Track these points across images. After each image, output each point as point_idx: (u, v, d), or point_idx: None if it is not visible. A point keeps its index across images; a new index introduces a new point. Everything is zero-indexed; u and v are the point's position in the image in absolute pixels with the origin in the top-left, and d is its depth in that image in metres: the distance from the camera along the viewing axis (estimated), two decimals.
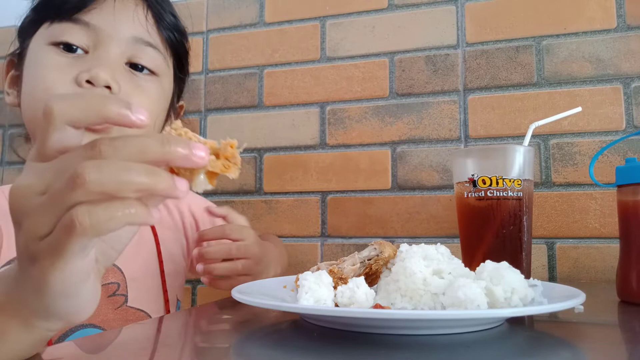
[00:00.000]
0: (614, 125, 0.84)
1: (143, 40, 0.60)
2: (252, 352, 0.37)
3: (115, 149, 0.25)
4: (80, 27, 0.57)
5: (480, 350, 0.36)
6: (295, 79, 1.01)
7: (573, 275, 0.82)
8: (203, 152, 0.26)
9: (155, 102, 0.62)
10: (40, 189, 0.26)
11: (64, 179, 0.24)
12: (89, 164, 0.24)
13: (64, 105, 0.26)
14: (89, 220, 0.24)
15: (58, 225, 0.25)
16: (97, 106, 0.26)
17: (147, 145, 0.25)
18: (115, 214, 0.24)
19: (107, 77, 0.55)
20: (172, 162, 0.26)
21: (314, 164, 0.98)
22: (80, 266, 0.26)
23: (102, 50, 0.58)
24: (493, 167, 0.59)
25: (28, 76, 0.59)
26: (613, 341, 0.41)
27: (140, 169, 0.25)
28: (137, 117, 0.26)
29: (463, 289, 0.39)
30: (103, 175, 0.24)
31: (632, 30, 0.85)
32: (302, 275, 0.44)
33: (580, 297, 0.40)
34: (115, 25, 0.58)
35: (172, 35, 0.64)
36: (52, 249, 0.25)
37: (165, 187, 0.25)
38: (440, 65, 0.93)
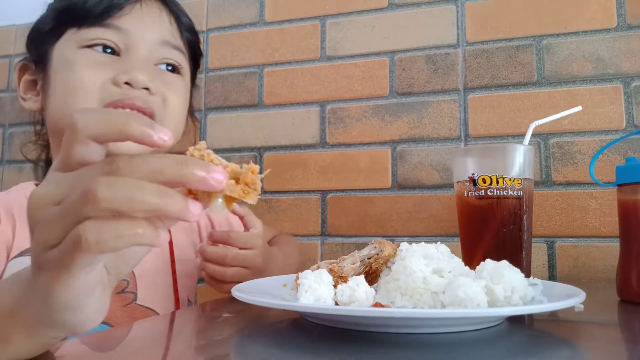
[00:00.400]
0: (614, 124, 0.84)
1: (169, 43, 0.64)
2: (252, 350, 0.37)
3: (132, 167, 0.25)
4: (112, 31, 0.60)
5: (480, 349, 0.36)
6: (295, 78, 1.01)
7: (573, 274, 0.83)
8: (221, 175, 0.26)
9: (184, 100, 0.66)
10: (55, 199, 0.26)
11: (78, 193, 0.24)
12: (103, 180, 0.24)
13: (88, 120, 0.26)
14: (95, 237, 0.24)
15: (65, 239, 0.25)
16: (121, 123, 0.26)
17: (164, 165, 0.25)
18: (123, 232, 0.24)
19: (145, 79, 0.58)
20: (188, 184, 0.26)
21: (314, 163, 0.98)
22: (85, 281, 0.26)
23: (134, 52, 0.61)
24: (493, 166, 0.59)
25: (59, 79, 0.60)
26: (613, 340, 0.41)
27: (152, 190, 0.24)
28: (160, 137, 0.26)
29: (463, 287, 0.39)
30: (115, 193, 0.24)
31: (633, 30, 0.85)
32: (302, 273, 0.44)
33: (580, 296, 0.40)
34: (144, 29, 0.61)
35: (190, 37, 0.68)
36: (58, 261, 0.25)
37: (177, 210, 0.25)
38: (440, 65, 0.93)
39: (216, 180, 0.26)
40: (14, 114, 1.18)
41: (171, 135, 0.27)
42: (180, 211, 0.25)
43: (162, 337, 0.43)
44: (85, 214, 0.24)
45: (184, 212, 0.25)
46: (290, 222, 0.97)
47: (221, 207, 0.27)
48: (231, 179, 0.27)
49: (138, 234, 0.24)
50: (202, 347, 0.38)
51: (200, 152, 0.28)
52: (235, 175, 0.28)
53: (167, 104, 0.62)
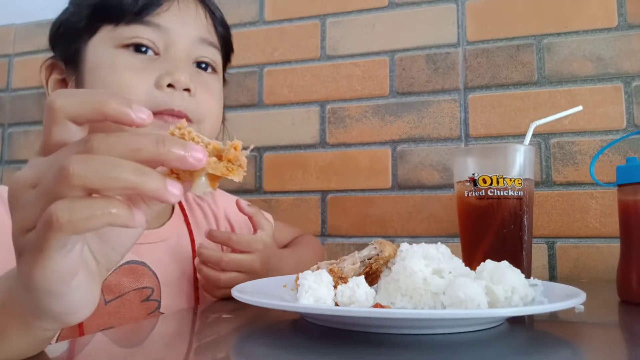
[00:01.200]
0: (614, 124, 0.84)
1: (207, 40, 0.62)
2: (252, 351, 0.37)
3: (108, 145, 0.24)
4: (151, 29, 0.58)
5: (481, 350, 0.36)
6: (295, 77, 1.01)
7: (573, 275, 0.82)
8: (200, 153, 0.25)
9: (219, 99, 0.65)
10: (33, 182, 0.26)
11: (51, 172, 0.24)
12: (77, 157, 0.24)
13: (66, 101, 0.26)
14: (67, 216, 0.23)
15: (39, 220, 0.24)
16: (97, 103, 0.26)
17: (141, 143, 0.25)
18: (96, 212, 0.23)
19: (187, 80, 0.57)
20: (166, 162, 0.25)
21: (314, 163, 0.98)
22: (63, 263, 0.26)
23: (173, 51, 0.59)
24: (493, 166, 0.59)
25: (97, 80, 0.58)
26: (613, 341, 0.41)
27: (128, 167, 0.24)
28: (138, 115, 0.26)
29: (463, 288, 0.39)
30: (88, 170, 0.23)
31: (633, 29, 0.84)
32: (302, 274, 0.44)
33: (580, 296, 0.40)
34: (183, 27, 0.60)
35: (224, 32, 0.67)
36: (34, 244, 0.25)
37: (154, 187, 0.24)
38: (440, 64, 0.93)
39: (195, 158, 0.25)
40: (13, 113, 1.18)
41: (150, 114, 0.26)
42: (157, 189, 0.24)
43: (162, 337, 0.43)
44: (59, 192, 0.24)
45: (162, 191, 0.24)
46: (290, 222, 0.97)
47: (205, 185, 0.27)
48: (214, 157, 0.27)
49: (111, 214, 0.24)
50: (202, 348, 0.37)
51: (180, 131, 0.27)
52: (218, 153, 0.27)
53: (205, 105, 0.61)
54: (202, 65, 0.63)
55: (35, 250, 0.25)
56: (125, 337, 0.41)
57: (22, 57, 1.19)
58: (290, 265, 0.68)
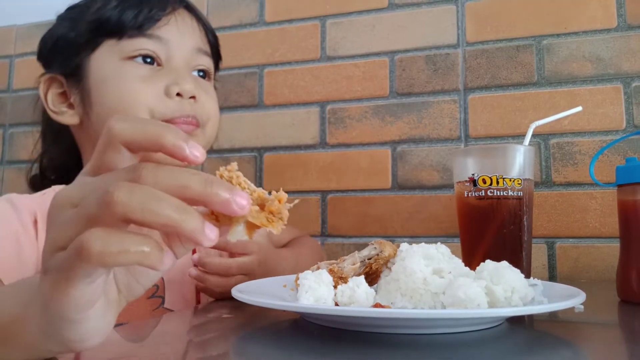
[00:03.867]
0: (614, 124, 0.84)
1: (202, 49, 0.67)
2: (252, 351, 0.37)
3: (156, 177, 0.24)
4: (153, 41, 0.62)
5: (481, 350, 0.36)
6: (295, 78, 1.01)
7: (573, 275, 0.83)
8: (245, 201, 0.25)
9: (217, 103, 0.69)
10: (76, 200, 0.25)
11: (96, 195, 0.24)
12: (123, 185, 0.23)
13: (125, 126, 0.26)
14: (99, 247, 0.22)
15: (71, 244, 0.23)
16: (156, 134, 0.26)
17: (189, 181, 0.24)
18: (128, 248, 0.23)
19: (192, 88, 0.62)
20: (210, 204, 0.25)
21: (314, 163, 0.98)
22: (84, 292, 0.25)
23: (174, 61, 0.64)
24: (493, 167, 0.59)
25: (105, 93, 0.61)
26: (613, 340, 0.41)
27: (171, 203, 0.23)
28: (192, 152, 0.25)
29: (463, 288, 0.39)
30: (132, 200, 0.23)
31: (633, 30, 0.85)
32: (302, 274, 0.44)
33: (580, 296, 0.40)
34: (182, 38, 0.65)
35: (214, 41, 0.72)
36: (60, 267, 0.24)
37: (192, 229, 0.23)
38: (440, 65, 0.93)
39: (239, 205, 0.25)
40: (14, 114, 1.18)
41: (203, 153, 0.26)
42: (194, 231, 0.24)
43: (163, 336, 0.43)
44: (99, 216, 0.23)
45: (199, 233, 0.24)
46: (290, 222, 0.96)
47: (242, 233, 0.26)
48: (256, 205, 0.27)
49: (143, 253, 0.23)
50: (202, 347, 0.38)
51: (229, 173, 0.27)
52: (262, 202, 0.27)
53: (208, 110, 0.66)
54: (200, 73, 0.67)
55: (59, 273, 0.24)
56: (126, 335, 0.41)
57: (23, 57, 1.19)
58: (288, 265, 0.69)
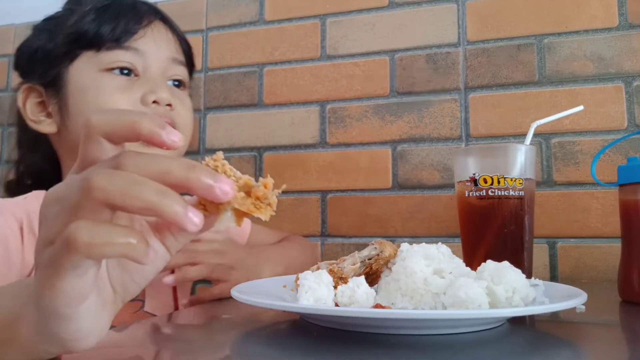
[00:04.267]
0: (615, 124, 0.84)
1: (177, 59, 0.70)
2: (252, 351, 0.37)
3: (137, 164, 0.24)
4: (130, 53, 0.65)
5: (482, 350, 0.36)
6: (295, 77, 1.01)
7: (574, 275, 0.82)
8: (228, 186, 0.25)
9: (192, 112, 0.72)
10: (60, 196, 0.26)
11: (76, 184, 0.24)
12: (102, 171, 0.24)
13: (101, 118, 0.27)
14: (86, 238, 0.23)
15: (58, 237, 0.24)
16: (131, 121, 0.26)
17: (171, 166, 0.24)
18: (115, 240, 0.23)
19: (169, 97, 0.64)
20: (193, 190, 0.25)
21: (314, 162, 0.98)
22: (72, 285, 0.25)
23: (151, 72, 0.66)
24: (494, 166, 0.59)
25: (83, 103, 0.63)
26: (614, 341, 0.41)
27: (151, 186, 0.23)
28: (170, 137, 0.26)
29: (464, 288, 0.39)
30: (111, 184, 0.23)
31: (634, 29, 0.84)
32: (302, 274, 0.44)
33: (581, 296, 0.40)
34: (157, 49, 0.67)
35: (187, 49, 0.74)
36: (50, 260, 0.24)
37: (174, 211, 0.23)
38: (441, 64, 0.93)
39: (222, 190, 0.25)
40: (13, 113, 1.18)
41: (181, 137, 0.27)
42: (176, 213, 0.23)
43: (162, 337, 0.43)
44: (79, 204, 0.23)
45: (182, 216, 0.24)
46: (290, 222, 0.97)
47: (229, 220, 0.26)
48: (242, 192, 0.26)
49: (129, 245, 0.23)
50: (201, 348, 0.37)
51: (215, 162, 0.27)
52: (248, 189, 0.27)
53: (183, 118, 0.68)
54: (176, 83, 0.70)
55: (49, 267, 0.25)
56: (123, 337, 0.41)
57: None
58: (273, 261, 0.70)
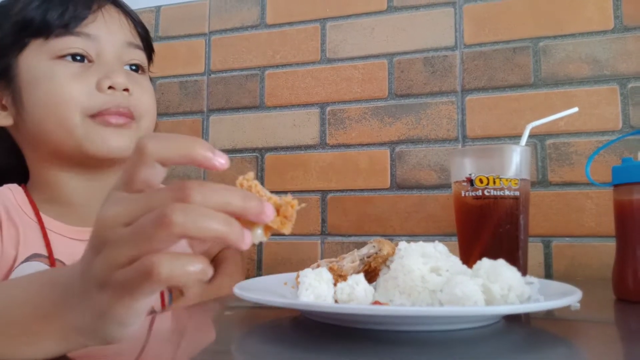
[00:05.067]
0: (610, 125, 0.84)
1: (133, 43, 0.66)
2: (253, 347, 0.37)
3: (203, 196, 0.26)
4: (82, 39, 0.61)
5: (477, 347, 0.36)
6: (296, 80, 1.01)
7: (569, 273, 0.83)
8: (271, 211, 0.29)
9: (154, 97, 0.68)
10: (125, 220, 0.27)
11: (152, 217, 0.26)
12: (177, 206, 0.26)
13: (158, 145, 0.28)
14: (169, 271, 0.25)
15: (136, 265, 0.26)
16: (186, 148, 0.28)
17: (231, 198, 0.27)
18: (189, 269, 0.26)
19: (125, 82, 0.60)
20: (246, 216, 0.28)
21: (314, 163, 0.98)
22: (145, 303, 0.28)
23: (105, 57, 0.62)
24: (490, 167, 0.59)
25: (36, 93, 0.59)
26: (609, 338, 0.42)
27: (219, 218, 0.26)
28: (219, 161, 0.28)
29: (460, 286, 0.39)
30: (187, 220, 0.25)
31: (629, 31, 0.85)
32: (303, 272, 0.44)
33: (576, 294, 0.41)
34: (110, 34, 0.63)
35: (144, 33, 0.70)
36: (125, 285, 0.26)
37: (237, 238, 0.27)
38: (438, 67, 0.94)
39: (268, 215, 0.29)
40: None
41: (227, 159, 0.29)
42: (238, 240, 0.27)
43: (163, 334, 0.44)
44: (158, 237, 0.26)
45: (241, 241, 0.27)
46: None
47: (261, 235, 0.30)
48: None
49: (200, 271, 0.26)
50: (203, 344, 0.38)
51: (248, 183, 0.30)
52: (276, 207, 0.30)
53: (142, 103, 0.64)
54: (133, 67, 0.66)
55: (122, 290, 0.27)
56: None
57: None
58: None
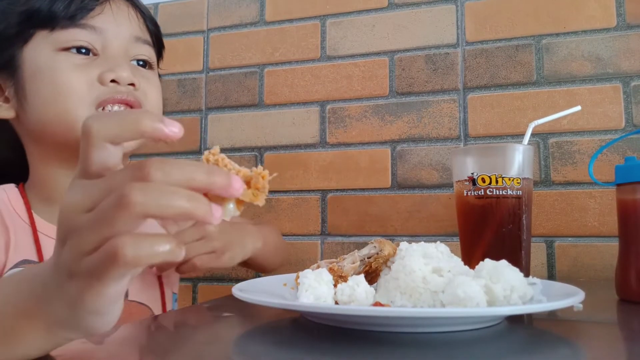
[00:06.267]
0: (613, 124, 0.84)
1: (141, 38, 0.65)
2: (252, 349, 0.37)
3: (164, 174, 0.26)
4: (87, 31, 0.60)
5: (480, 348, 0.36)
6: (295, 77, 1.01)
7: (572, 274, 0.83)
8: (239, 184, 0.28)
9: (160, 92, 0.67)
10: (87, 206, 0.26)
11: (111, 199, 0.25)
12: (136, 186, 0.25)
13: (102, 124, 0.27)
14: (133, 252, 0.24)
15: (101, 251, 0.25)
16: (133, 122, 0.27)
17: (194, 173, 0.26)
18: (158, 250, 0.25)
19: (130, 75, 0.59)
20: (213, 191, 0.27)
21: (314, 162, 0.98)
22: (116, 289, 0.27)
23: (111, 51, 0.61)
24: (492, 166, 0.59)
25: (40, 85, 0.59)
26: (612, 339, 0.42)
27: (182, 194, 0.26)
28: (171, 129, 0.27)
29: (462, 287, 0.39)
30: (147, 198, 0.25)
31: (632, 29, 0.85)
32: (303, 273, 0.44)
33: (579, 295, 0.40)
34: (118, 27, 0.62)
35: (154, 29, 0.69)
36: (92, 271, 0.26)
37: (203, 213, 0.26)
38: (440, 64, 0.93)
39: (235, 188, 0.27)
40: None
41: (181, 127, 0.28)
42: (205, 214, 0.26)
43: (162, 335, 0.43)
44: (120, 219, 0.25)
45: (209, 215, 0.26)
46: (291, 221, 0.97)
47: (233, 210, 0.29)
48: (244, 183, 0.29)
49: (169, 251, 0.25)
50: (202, 346, 0.38)
51: (215, 157, 0.29)
52: (247, 179, 0.29)
53: (149, 98, 0.63)
54: (140, 63, 0.65)
55: (91, 277, 0.26)
56: (125, 335, 0.41)
57: None
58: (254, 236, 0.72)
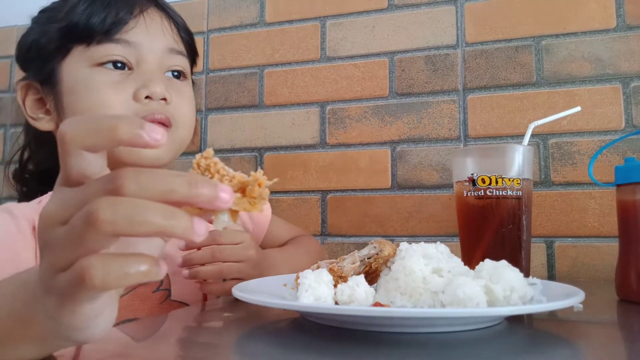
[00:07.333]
0: (613, 124, 0.84)
1: (175, 49, 0.66)
2: (253, 349, 0.37)
3: (138, 186, 0.23)
4: (122, 46, 0.61)
5: (480, 349, 0.36)
6: (295, 78, 1.01)
7: (572, 274, 0.83)
8: (228, 195, 0.25)
9: (193, 105, 0.68)
10: (62, 218, 0.25)
11: (81, 215, 0.23)
12: (105, 201, 0.23)
13: (76, 131, 0.25)
14: (101, 276, 0.23)
15: (71, 270, 0.24)
16: (108, 129, 0.25)
17: (174, 185, 0.24)
18: (128, 271, 0.23)
19: (163, 90, 0.60)
20: (196, 204, 0.25)
21: (314, 163, 0.98)
22: (91, 308, 0.26)
23: (145, 64, 0.62)
24: (492, 166, 0.59)
25: (77, 100, 0.60)
26: (612, 339, 0.42)
27: (157, 210, 0.23)
28: (152, 136, 0.25)
29: (462, 287, 0.39)
30: (117, 216, 0.22)
31: (632, 30, 0.85)
32: (303, 273, 0.44)
33: (579, 295, 0.40)
34: (151, 40, 0.63)
35: (187, 38, 0.70)
36: (64, 290, 0.25)
37: (182, 231, 0.24)
38: (439, 65, 0.93)
39: (222, 200, 0.25)
40: (15, 114, 1.19)
41: (164, 134, 0.25)
42: (184, 232, 0.24)
43: (163, 336, 0.43)
44: (88, 238, 0.23)
45: (189, 232, 0.24)
46: (291, 222, 0.97)
47: (227, 220, 0.27)
48: (237, 191, 0.26)
49: (142, 272, 0.23)
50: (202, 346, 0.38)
51: (207, 161, 0.27)
52: (242, 186, 0.27)
53: (181, 111, 0.64)
54: (175, 74, 0.66)
55: (63, 295, 0.25)
56: (126, 334, 0.41)
57: None
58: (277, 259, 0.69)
